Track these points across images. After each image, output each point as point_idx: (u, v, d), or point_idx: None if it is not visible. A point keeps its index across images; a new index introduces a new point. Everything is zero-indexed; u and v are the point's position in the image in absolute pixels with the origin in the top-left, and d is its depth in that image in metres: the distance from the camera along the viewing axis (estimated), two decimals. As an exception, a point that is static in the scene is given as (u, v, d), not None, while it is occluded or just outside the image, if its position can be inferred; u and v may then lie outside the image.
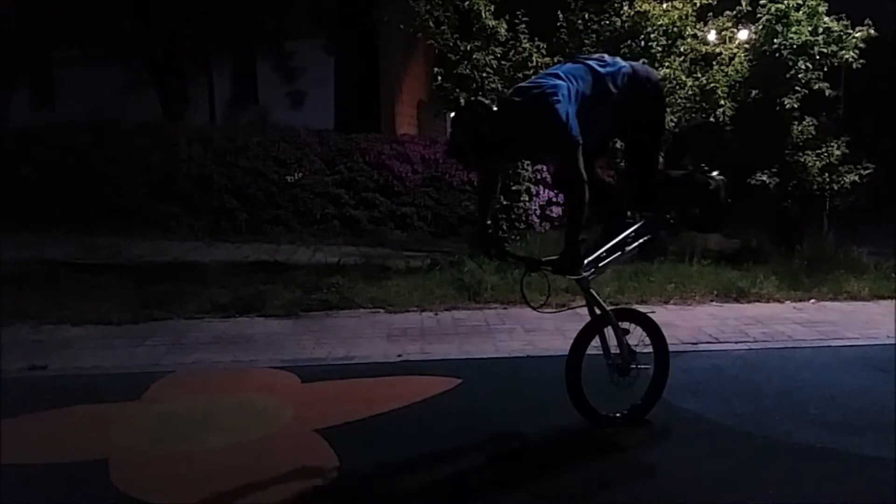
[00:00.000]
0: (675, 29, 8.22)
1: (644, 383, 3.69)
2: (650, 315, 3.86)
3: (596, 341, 3.60)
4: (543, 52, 8.07)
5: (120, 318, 5.74)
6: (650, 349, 3.72)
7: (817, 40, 8.15)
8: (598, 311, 3.53)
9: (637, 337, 3.66)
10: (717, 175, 3.65)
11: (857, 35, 8.10)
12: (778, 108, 8.20)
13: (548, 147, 3.32)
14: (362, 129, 11.51)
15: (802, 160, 8.23)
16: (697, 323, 5.86)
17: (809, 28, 8.15)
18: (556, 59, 8.18)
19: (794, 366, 4.78)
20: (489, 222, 3.56)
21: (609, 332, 3.58)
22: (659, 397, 3.76)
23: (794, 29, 8.14)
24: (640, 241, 3.58)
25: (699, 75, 8.36)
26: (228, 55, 16.52)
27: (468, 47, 7.88)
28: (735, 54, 8.46)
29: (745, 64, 8.40)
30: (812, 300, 6.72)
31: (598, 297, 3.54)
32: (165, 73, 14.62)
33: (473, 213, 9.19)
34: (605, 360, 3.59)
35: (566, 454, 3.44)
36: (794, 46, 8.15)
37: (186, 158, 10.45)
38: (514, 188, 8.22)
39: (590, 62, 3.36)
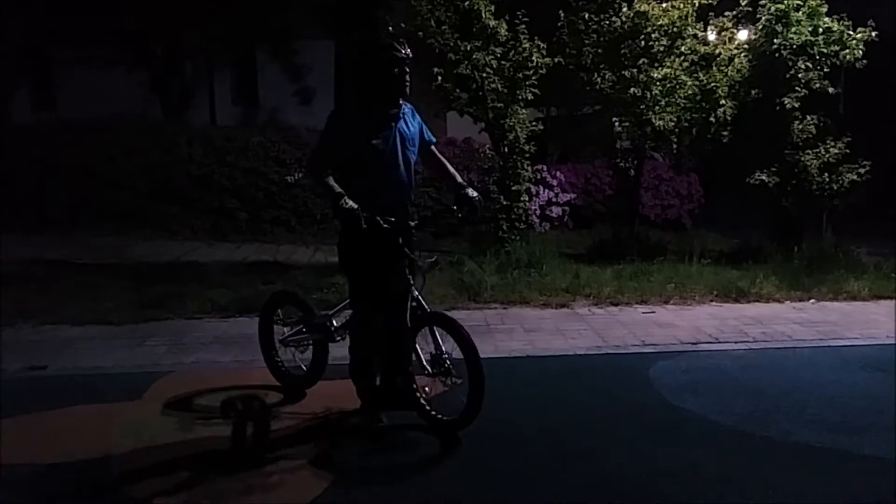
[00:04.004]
0: (675, 29, 8.23)
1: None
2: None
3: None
4: (543, 52, 8.07)
5: (120, 318, 5.74)
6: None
7: (817, 40, 8.16)
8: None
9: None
10: None
11: (857, 36, 8.10)
12: (778, 108, 8.20)
13: None
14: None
15: (802, 160, 8.23)
16: (697, 323, 5.87)
17: (809, 28, 8.16)
18: (556, 60, 8.20)
19: (794, 366, 4.79)
20: None
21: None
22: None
23: (794, 29, 8.15)
24: None
25: (699, 75, 8.37)
26: (229, 55, 16.47)
27: (468, 47, 7.88)
28: (735, 54, 8.47)
29: (746, 64, 8.41)
30: (812, 300, 6.72)
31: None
32: (166, 73, 14.60)
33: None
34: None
35: (564, 454, 3.44)
36: (795, 46, 8.16)
37: (186, 158, 10.44)
38: (514, 188, 8.22)
39: None
